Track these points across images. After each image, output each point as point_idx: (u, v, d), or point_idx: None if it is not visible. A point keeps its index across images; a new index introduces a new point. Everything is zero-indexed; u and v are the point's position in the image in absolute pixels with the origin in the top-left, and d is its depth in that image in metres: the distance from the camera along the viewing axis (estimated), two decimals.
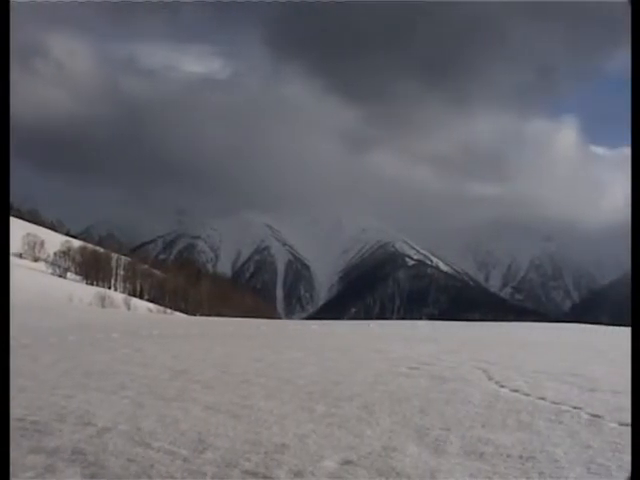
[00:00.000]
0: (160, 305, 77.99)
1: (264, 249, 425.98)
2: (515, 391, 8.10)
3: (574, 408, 6.94)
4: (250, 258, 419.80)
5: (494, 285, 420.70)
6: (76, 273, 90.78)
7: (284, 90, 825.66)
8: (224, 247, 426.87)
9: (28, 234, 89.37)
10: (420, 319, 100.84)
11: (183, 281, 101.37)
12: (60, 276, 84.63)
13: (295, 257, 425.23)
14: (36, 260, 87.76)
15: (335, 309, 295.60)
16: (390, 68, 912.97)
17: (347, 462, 5.04)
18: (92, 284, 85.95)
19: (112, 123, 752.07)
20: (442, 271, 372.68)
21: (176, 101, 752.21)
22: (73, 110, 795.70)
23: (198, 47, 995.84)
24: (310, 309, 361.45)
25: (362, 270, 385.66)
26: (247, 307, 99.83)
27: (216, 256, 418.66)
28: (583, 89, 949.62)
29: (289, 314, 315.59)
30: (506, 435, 5.82)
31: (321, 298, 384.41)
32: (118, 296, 72.37)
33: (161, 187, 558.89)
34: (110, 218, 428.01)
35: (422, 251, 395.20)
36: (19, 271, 57.71)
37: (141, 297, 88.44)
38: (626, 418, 6.20)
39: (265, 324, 30.50)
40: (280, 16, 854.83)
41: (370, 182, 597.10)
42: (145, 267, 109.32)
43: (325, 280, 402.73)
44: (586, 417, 6.54)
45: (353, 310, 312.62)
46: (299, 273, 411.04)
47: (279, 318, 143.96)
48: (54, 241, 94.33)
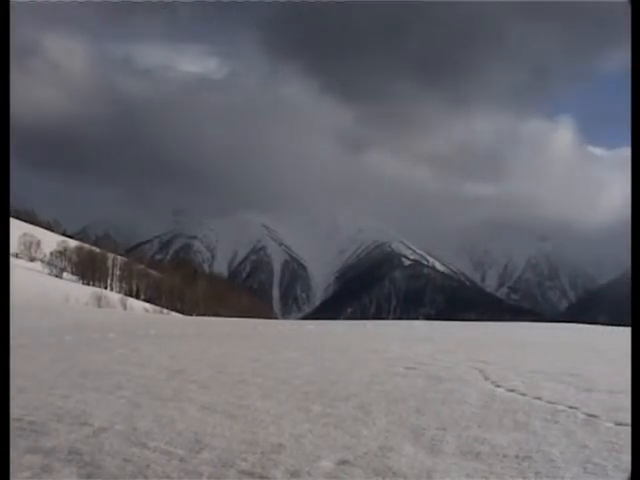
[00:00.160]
0: (156, 305, 77.96)
1: (260, 249, 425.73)
2: (511, 391, 8.10)
3: (570, 408, 6.94)
4: (246, 258, 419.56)
5: (490, 285, 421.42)
6: (72, 273, 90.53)
7: (282, 90, 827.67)
8: (221, 247, 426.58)
9: (24, 234, 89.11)
10: (416, 319, 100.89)
11: (179, 281, 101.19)
12: (56, 276, 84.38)
13: (291, 257, 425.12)
14: (32, 260, 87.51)
15: (331, 309, 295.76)
16: (387, 68, 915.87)
17: (343, 462, 5.04)
18: (88, 284, 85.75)
19: (109, 123, 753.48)
20: (438, 271, 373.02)
21: (173, 101, 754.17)
22: (70, 110, 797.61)
23: (195, 47, 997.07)
24: (306, 309, 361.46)
25: (358, 270, 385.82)
26: (243, 307, 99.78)
27: (212, 256, 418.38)
28: (580, 89, 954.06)
29: (285, 314, 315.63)
30: (502, 435, 5.83)
31: (317, 298, 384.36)
32: (114, 296, 72.16)
33: (158, 187, 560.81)
34: (107, 218, 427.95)
35: (418, 251, 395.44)
36: (15, 271, 57.04)
37: (137, 297, 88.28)
38: (622, 418, 6.22)
39: (261, 324, 30.46)
40: (277, 16, 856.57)
41: (367, 182, 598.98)
42: (141, 267, 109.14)
43: (321, 280, 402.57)
44: (582, 417, 6.54)
45: (349, 310, 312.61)
46: (295, 273, 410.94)
47: (275, 318, 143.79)
48: (50, 241, 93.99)
